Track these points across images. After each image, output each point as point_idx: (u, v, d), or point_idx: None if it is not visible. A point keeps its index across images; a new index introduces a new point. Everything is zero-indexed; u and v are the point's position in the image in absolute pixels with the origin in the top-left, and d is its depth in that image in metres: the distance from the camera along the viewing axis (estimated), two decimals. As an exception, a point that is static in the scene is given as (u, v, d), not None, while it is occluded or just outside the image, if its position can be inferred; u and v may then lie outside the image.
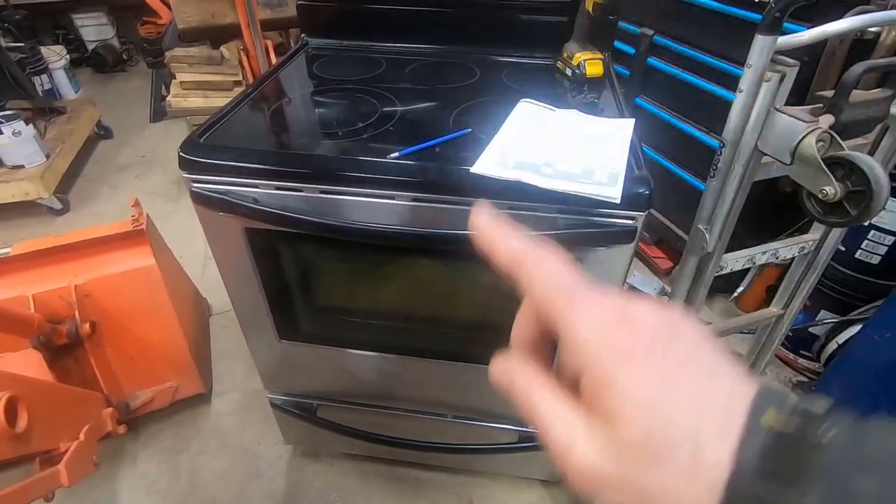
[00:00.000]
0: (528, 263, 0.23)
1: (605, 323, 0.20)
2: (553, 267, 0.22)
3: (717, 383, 0.19)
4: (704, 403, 0.18)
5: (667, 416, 0.18)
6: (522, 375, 0.24)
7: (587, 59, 1.00)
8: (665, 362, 0.19)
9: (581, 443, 0.20)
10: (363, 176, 0.75)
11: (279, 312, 0.98)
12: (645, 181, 0.72)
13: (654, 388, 0.19)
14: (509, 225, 0.24)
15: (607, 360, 0.20)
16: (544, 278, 0.22)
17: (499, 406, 1.09)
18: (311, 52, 1.20)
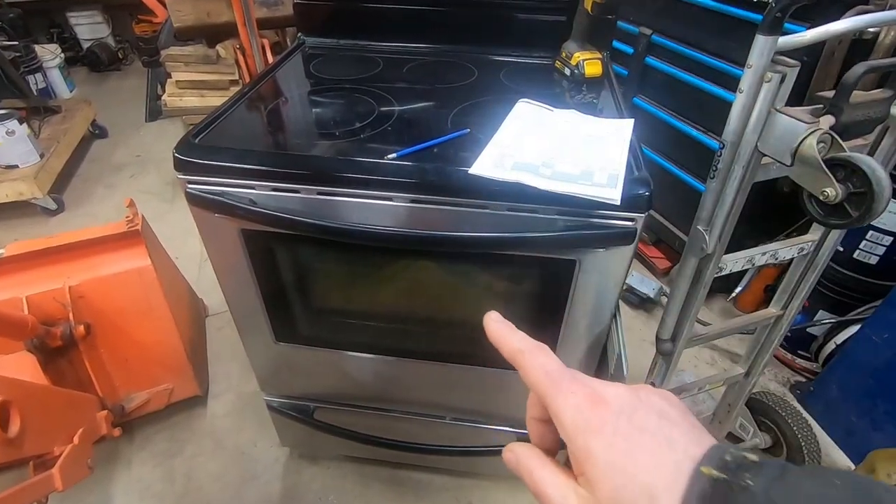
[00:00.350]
0: (524, 358, 0.29)
1: (582, 405, 0.25)
2: (541, 360, 0.28)
3: (673, 446, 0.23)
4: (660, 464, 0.23)
5: (629, 476, 0.23)
6: (526, 455, 0.29)
7: (586, 59, 0.99)
8: (630, 432, 0.24)
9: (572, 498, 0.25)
10: (360, 177, 0.74)
11: (276, 315, 0.98)
12: (645, 182, 0.71)
13: (620, 454, 0.23)
14: (512, 328, 0.31)
15: (584, 436, 0.25)
16: (536, 370, 0.28)
17: (498, 408, 1.09)
18: (308, 51, 1.19)
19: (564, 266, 0.79)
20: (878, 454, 1.03)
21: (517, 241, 0.73)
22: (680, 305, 0.94)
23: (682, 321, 0.95)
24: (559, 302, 0.84)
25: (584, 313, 0.85)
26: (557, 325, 0.88)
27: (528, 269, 0.85)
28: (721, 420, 1.31)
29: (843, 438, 1.33)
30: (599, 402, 0.25)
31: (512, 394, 1.04)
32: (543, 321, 0.88)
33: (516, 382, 0.95)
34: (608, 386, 0.26)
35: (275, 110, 0.93)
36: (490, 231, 0.74)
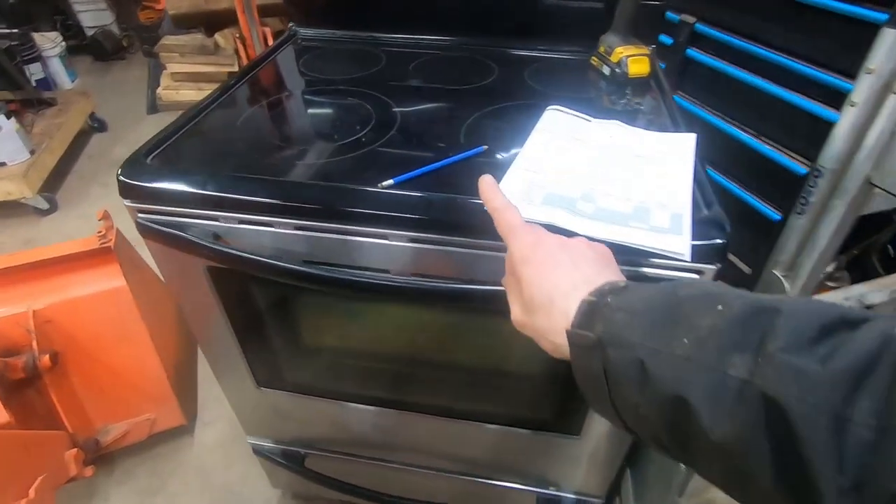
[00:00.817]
0: (499, 213, 0.43)
1: (524, 245, 0.40)
2: (510, 215, 0.43)
3: (577, 272, 0.37)
4: (563, 282, 0.37)
5: (539, 286, 0.37)
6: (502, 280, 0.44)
7: (630, 55, 0.82)
8: (548, 261, 0.38)
9: (514, 305, 0.41)
10: (348, 210, 0.58)
11: (255, 359, 0.83)
12: (718, 224, 0.54)
13: (536, 275, 0.38)
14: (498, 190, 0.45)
15: (520, 265, 0.39)
16: (504, 222, 0.42)
17: (515, 466, 0.93)
18: (301, 43, 1.03)
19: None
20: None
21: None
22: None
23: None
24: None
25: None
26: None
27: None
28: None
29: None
30: (537, 243, 0.40)
31: (528, 454, 0.88)
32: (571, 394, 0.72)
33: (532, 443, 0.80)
34: (551, 234, 0.41)
35: (251, 119, 0.77)
36: (512, 283, 0.57)
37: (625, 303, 0.32)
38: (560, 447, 0.84)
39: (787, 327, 0.26)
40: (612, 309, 0.32)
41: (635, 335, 0.30)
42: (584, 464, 0.87)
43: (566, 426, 0.80)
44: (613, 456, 0.85)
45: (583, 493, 0.94)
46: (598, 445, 0.82)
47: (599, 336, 0.32)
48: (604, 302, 0.33)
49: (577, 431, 0.80)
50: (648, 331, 0.30)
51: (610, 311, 0.32)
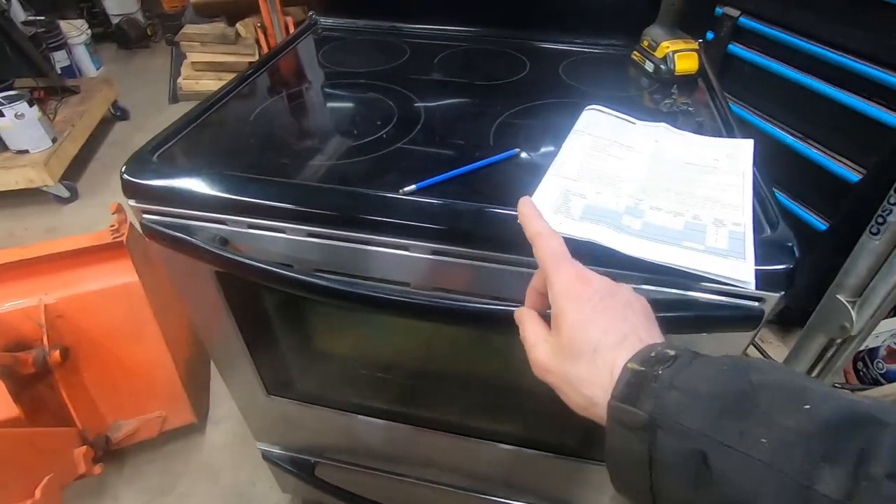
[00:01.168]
0: (541, 239, 0.37)
1: (571, 280, 0.34)
2: (553, 243, 0.37)
3: (626, 323, 0.32)
4: (611, 331, 0.32)
5: (585, 331, 0.32)
6: (524, 313, 0.39)
7: (677, 50, 0.74)
8: (597, 306, 0.33)
9: (541, 345, 0.35)
10: (367, 218, 0.53)
11: (265, 366, 0.79)
12: (785, 247, 0.47)
13: (584, 316, 0.33)
14: (538, 213, 0.39)
15: (564, 299, 0.34)
16: (546, 250, 0.36)
17: (537, 488, 0.88)
18: (321, 33, 0.98)
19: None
20: None
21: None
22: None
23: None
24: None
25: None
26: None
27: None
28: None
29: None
30: (585, 281, 0.35)
31: (555, 479, 0.83)
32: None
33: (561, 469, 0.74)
34: (597, 274, 0.36)
35: (265, 114, 0.72)
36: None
37: (682, 380, 0.28)
38: (589, 474, 0.78)
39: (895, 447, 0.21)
40: (666, 385, 0.28)
41: (696, 422, 0.26)
42: (609, 492, 0.81)
43: (592, 452, 0.75)
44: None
45: (607, 520, 0.88)
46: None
47: (649, 415, 0.27)
48: (653, 374, 0.28)
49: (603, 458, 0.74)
50: (715, 420, 0.26)
51: (663, 387, 0.28)
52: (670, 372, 0.28)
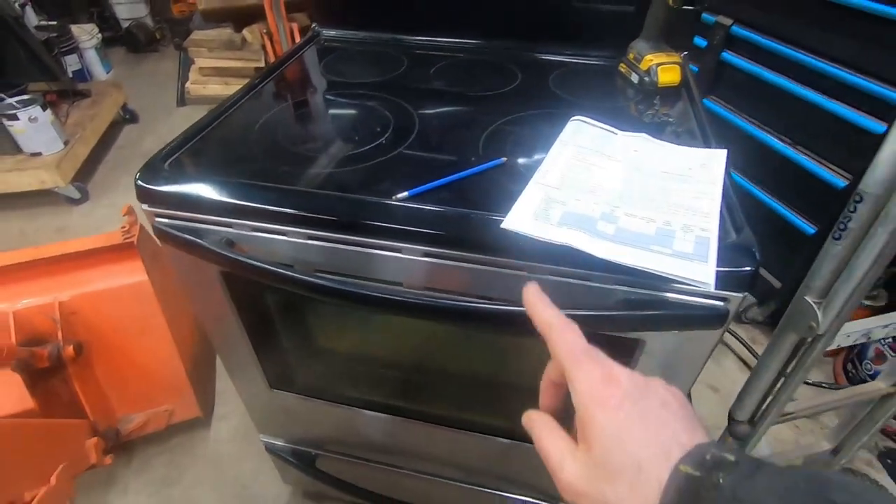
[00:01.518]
0: (553, 332, 0.33)
1: (597, 381, 0.29)
2: (569, 337, 0.32)
3: (666, 430, 0.27)
4: (652, 442, 0.27)
5: (622, 445, 0.27)
6: (538, 421, 0.34)
7: (661, 63, 0.78)
8: (631, 411, 0.28)
9: (569, 463, 0.29)
10: (361, 222, 0.58)
11: (269, 361, 0.83)
12: (747, 251, 0.51)
13: (619, 426, 0.27)
14: (548, 302, 0.35)
15: (593, 406, 0.29)
16: (562, 344, 0.32)
17: (524, 478, 0.92)
18: (323, 44, 1.03)
19: (624, 344, 0.60)
20: None
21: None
22: (766, 386, 0.73)
23: (768, 406, 0.75)
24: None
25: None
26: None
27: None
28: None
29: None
30: (613, 381, 0.29)
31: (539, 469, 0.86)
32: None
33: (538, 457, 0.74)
34: (623, 369, 0.31)
35: (270, 123, 0.77)
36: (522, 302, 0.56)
37: (746, 492, 0.23)
38: (572, 465, 0.82)
39: None
40: (728, 496, 0.23)
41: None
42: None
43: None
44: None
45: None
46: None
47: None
48: (712, 481, 0.24)
49: (590, 451, 0.78)
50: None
51: (724, 497, 0.24)
52: (731, 480, 0.24)
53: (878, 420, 0.90)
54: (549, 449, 0.31)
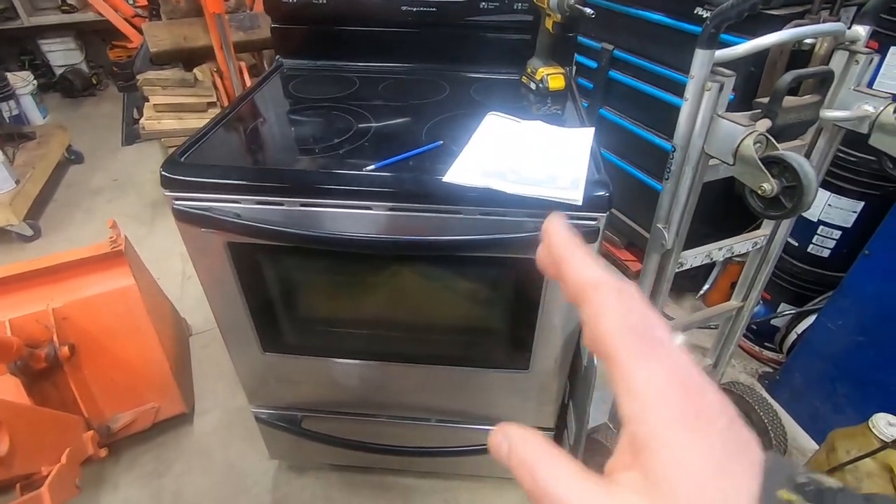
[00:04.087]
0: (600, 295, 0.21)
1: (671, 382, 0.19)
2: (631, 304, 0.20)
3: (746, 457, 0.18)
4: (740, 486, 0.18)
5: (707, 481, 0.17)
6: (525, 443, 0.21)
7: (550, 74, 1.06)
8: (722, 447, 0.18)
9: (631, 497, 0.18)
10: (341, 188, 0.79)
11: (262, 325, 1.01)
12: (604, 184, 0.77)
13: (710, 467, 0.18)
14: (584, 246, 0.23)
15: (666, 421, 0.18)
16: (617, 314, 0.20)
17: (482, 408, 1.13)
18: (287, 72, 1.24)
19: (535, 265, 0.84)
20: (836, 433, 1.09)
21: (488, 242, 0.79)
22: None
23: (650, 315, 1.01)
24: (533, 300, 0.90)
25: (557, 310, 0.90)
26: (533, 323, 0.93)
27: (502, 270, 0.90)
28: (694, 411, 1.37)
29: (808, 423, 1.41)
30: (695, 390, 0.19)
31: (490, 392, 1.08)
32: (520, 320, 0.93)
33: (493, 381, 0.96)
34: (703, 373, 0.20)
35: (256, 129, 0.98)
36: (464, 234, 0.79)
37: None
38: (514, 382, 1.04)
39: None
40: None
41: None
42: (534, 398, 1.08)
43: (516, 362, 1.01)
44: (557, 389, 1.06)
45: (537, 426, 1.14)
46: (543, 379, 1.03)
47: None
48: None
49: (525, 366, 1.01)
50: None
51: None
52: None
53: (737, 330, 1.20)
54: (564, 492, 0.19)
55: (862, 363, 1.24)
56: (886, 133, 0.76)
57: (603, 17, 1.70)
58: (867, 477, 1.01)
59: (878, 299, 1.18)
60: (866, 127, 0.77)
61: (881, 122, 0.76)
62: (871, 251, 1.18)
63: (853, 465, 1.02)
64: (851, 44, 0.78)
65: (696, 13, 1.38)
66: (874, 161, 1.25)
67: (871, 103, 0.77)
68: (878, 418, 1.02)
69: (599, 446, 1.18)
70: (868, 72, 0.79)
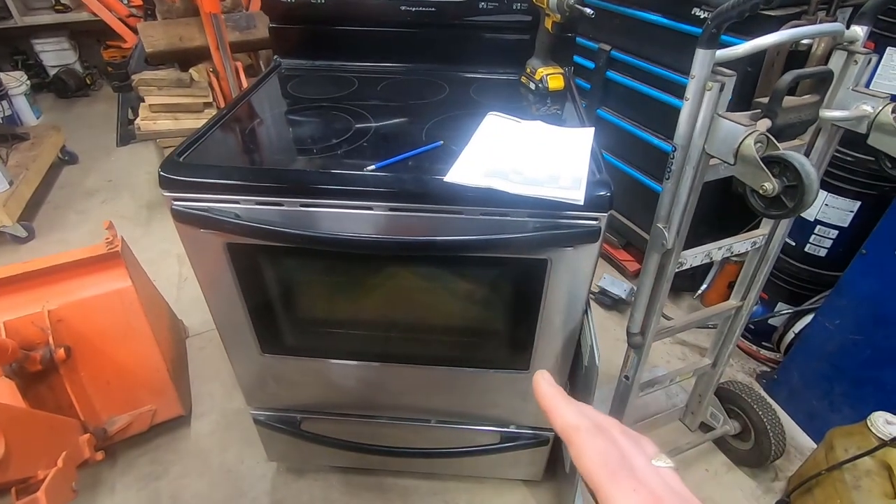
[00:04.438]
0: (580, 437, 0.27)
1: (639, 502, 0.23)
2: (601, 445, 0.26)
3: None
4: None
5: None
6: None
7: (549, 74, 1.06)
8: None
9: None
10: (341, 188, 0.79)
11: (261, 326, 1.00)
12: (605, 184, 0.77)
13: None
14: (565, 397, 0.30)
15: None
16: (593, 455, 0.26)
17: (481, 408, 1.13)
18: (284, 72, 1.24)
19: (537, 265, 0.84)
20: (835, 432, 1.10)
21: (490, 242, 0.78)
22: (647, 300, 1.00)
23: (650, 315, 1.01)
24: (535, 300, 0.89)
25: (558, 310, 0.90)
26: (534, 323, 0.93)
27: (504, 270, 0.90)
28: (693, 410, 1.38)
29: (806, 422, 1.41)
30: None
31: (490, 393, 1.08)
32: (521, 320, 0.93)
33: (493, 382, 0.96)
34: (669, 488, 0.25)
35: (255, 129, 0.97)
36: (465, 234, 0.79)
37: None
38: (514, 383, 1.04)
39: None
40: None
41: None
42: (533, 398, 1.07)
43: (517, 363, 1.01)
44: (558, 389, 1.06)
45: (537, 427, 1.14)
46: (544, 379, 1.03)
47: None
48: None
49: (526, 367, 1.01)
50: None
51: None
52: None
53: (736, 330, 1.20)
54: None
55: (859, 362, 1.25)
56: (885, 133, 0.76)
57: (600, 17, 1.70)
58: (866, 475, 1.02)
59: (875, 298, 1.19)
60: (865, 127, 0.78)
61: (880, 121, 0.76)
62: (867, 250, 1.19)
63: (852, 464, 1.02)
64: (850, 44, 0.79)
65: (693, 13, 1.39)
66: (871, 161, 1.26)
67: (870, 103, 0.78)
68: (877, 416, 1.02)
69: (599, 446, 1.18)
70: (866, 72, 0.79)
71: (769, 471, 1.35)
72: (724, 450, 1.41)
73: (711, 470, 1.37)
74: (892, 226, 1.14)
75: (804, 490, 1.13)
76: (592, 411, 0.30)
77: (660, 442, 1.26)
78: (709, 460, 1.39)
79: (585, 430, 0.28)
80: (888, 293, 1.16)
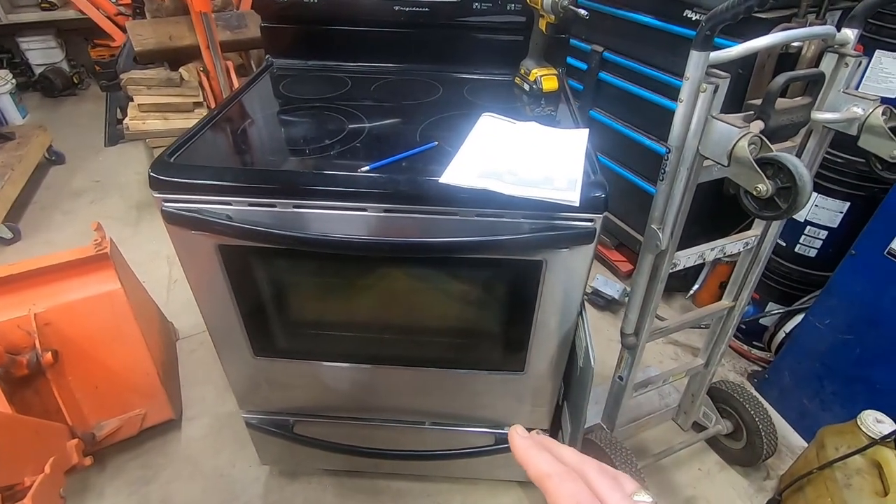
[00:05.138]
0: (553, 484, 0.29)
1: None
2: (571, 489, 0.28)
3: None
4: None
5: None
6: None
7: (543, 75, 1.06)
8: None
9: None
10: (335, 189, 0.78)
11: (254, 329, 0.99)
12: (601, 185, 0.77)
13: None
14: (539, 446, 0.32)
15: None
16: (566, 499, 0.28)
17: (474, 410, 1.12)
18: (277, 72, 1.23)
19: (532, 267, 0.84)
20: (826, 431, 1.11)
21: (485, 244, 0.78)
22: (640, 301, 1.00)
23: (644, 315, 1.02)
24: (530, 302, 0.89)
25: (553, 311, 0.90)
26: (529, 324, 0.92)
27: (499, 272, 0.90)
28: (686, 410, 1.39)
29: (797, 421, 1.42)
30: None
31: (485, 395, 1.08)
32: (516, 321, 0.93)
33: (488, 383, 0.96)
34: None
35: (247, 129, 0.96)
36: (460, 236, 0.78)
37: None
38: (509, 384, 1.04)
39: None
40: None
41: None
42: (529, 400, 1.07)
43: (512, 364, 1.01)
44: (552, 391, 1.06)
45: (531, 428, 1.13)
46: (539, 381, 1.03)
47: None
48: None
49: (520, 368, 1.00)
50: None
51: None
52: None
53: (728, 330, 1.21)
54: None
55: (849, 361, 1.26)
56: (875, 135, 0.77)
57: (592, 18, 1.70)
58: (856, 473, 1.03)
59: (864, 298, 1.20)
60: (855, 129, 0.78)
61: (870, 124, 0.77)
62: (857, 251, 1.20)
63: (843, 462, 1.03)
64: (841, 46, 0.79)
65: (685, 15, 1.40)
66: (861, 162, 1.28)
67: (860, 105, 0.78)
68: (867, 415, 1.03)
69: (593, 447, 1.18)
70: (856, 75, 0.80)
71: (761, 470, 1.36)
72: (717, 449, 1.41)
73: (704, 469, 1.37)
74: (880, 226, 1.15)
75: (796, 488, 1.14)
76: (571, 454, 0.31)
77: (653, 441, 1.25)
78: (702, 459, 1.39)
79: (557, 476, 0.29)
80: (877, 293, 1.17)
